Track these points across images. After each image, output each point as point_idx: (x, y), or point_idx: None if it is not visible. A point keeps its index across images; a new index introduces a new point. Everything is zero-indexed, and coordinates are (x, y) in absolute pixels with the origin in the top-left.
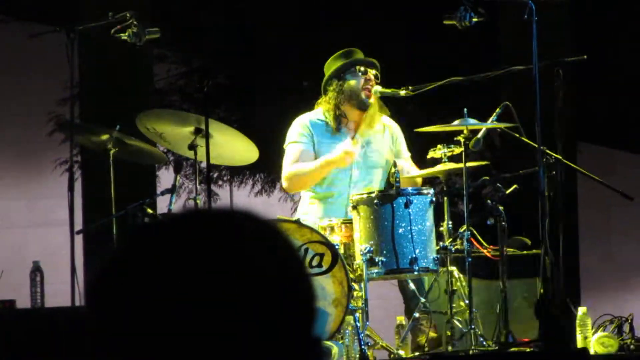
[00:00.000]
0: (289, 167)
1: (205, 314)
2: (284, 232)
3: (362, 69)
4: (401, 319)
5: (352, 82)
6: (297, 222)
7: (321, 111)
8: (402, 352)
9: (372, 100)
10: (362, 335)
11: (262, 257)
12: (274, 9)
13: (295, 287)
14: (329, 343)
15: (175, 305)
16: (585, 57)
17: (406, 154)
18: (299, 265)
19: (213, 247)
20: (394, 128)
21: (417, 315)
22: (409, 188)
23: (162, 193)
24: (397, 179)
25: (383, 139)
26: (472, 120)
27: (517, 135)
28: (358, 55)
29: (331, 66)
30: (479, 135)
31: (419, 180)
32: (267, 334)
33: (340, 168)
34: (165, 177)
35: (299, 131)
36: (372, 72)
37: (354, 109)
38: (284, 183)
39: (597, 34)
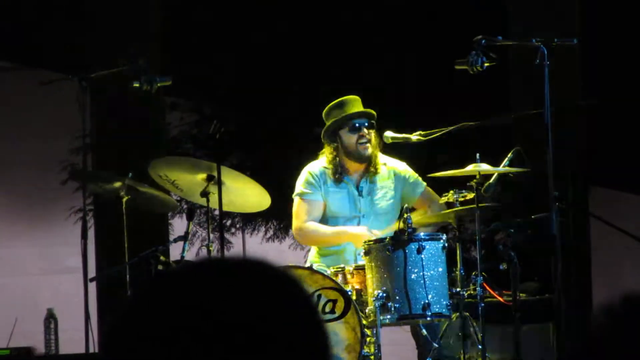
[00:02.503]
0: (302, 222)
1: None
2: (297, 279)
3: (355, 125)
4: None
5: (347, 139)
6: (310, 268)
7: (325, 159)
8: None
9: (370, 151)
10: None
11: (275, 305)
12: (283, 57)
13: (310, 333)
14: None
15: (190, 353)
16: (597, 100)
17: (422, 186)
18: (313, 312)
19: (227, 295)
20: (399, 168)
21: None
22: (421, 234)
23: (175, 240)
24: (410, 225)
25: (389, 185)
26: (484, 165)
27: (529, 179)
28: (353, 106)
29: (328, 117)
30: (492, 180)
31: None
32: None
33: (351, 215)
34: (178, 225)
35: (306, 180)
36: (365, 127)
37: (353, 161)
38: (296, 236)
39: (608, 76)
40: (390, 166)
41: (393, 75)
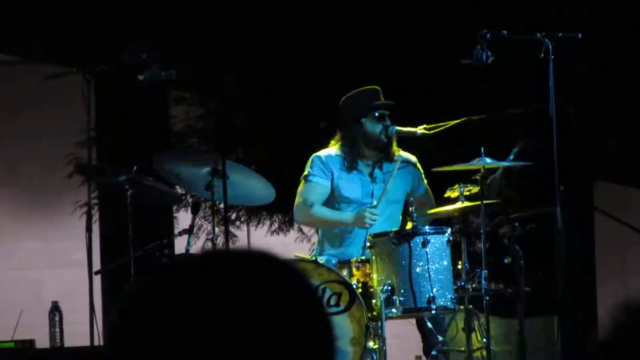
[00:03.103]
0: (304, 201)
1: (226, 354)
2: (302, 272)
3: (381, 114)
4: (419, 357)
5: (371, 128)
6: (315, 261)
7: (338, 147)
8: None
9: (390, 141)
10: None
11: (280, 297)
12: (289, 49)
13: (315, 326)
14: None
15: (194, 346)
16: (601, 94)
17: (423, 185)
18: (318, 304)
19: (232, 287)
20: (412, 161)
21: (435, 354)
22: (426, 227)
23: (180, 234)
24: (415, 218)
25: (402, 174)
26: (489, 160)
27: (533, 174)
28: (376, 96)
29: (348, 105)
30: (496, 174)
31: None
32: None
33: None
34: (183, 218)
35: (316, 164)
36: (388, 115)
37: (371, 149)
38: (296, 216)
39: (612, 69)
40: (404, 156)
41: (398, 69)
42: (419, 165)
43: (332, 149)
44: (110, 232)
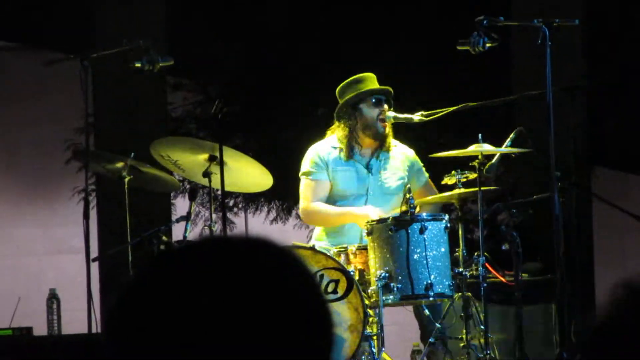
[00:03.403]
0: (309, 203)
1: (223, 341)
2: (300, 258)
3: (377, 100)
4: (417, 344)
5: (367, 113)
6: (312, 248)
7: (335, 138)
8: None
9: (388, 130)
10: None
11: (279, 284)
12: (288, 36)
13: (314, 313)
14: None
15: (193, 333)
16: (599, 81)
17: (425, 176)
18: (317, 291)
19: (230, 274)
20: (409, 154)
21: (432, 340)
22: (424, 214)
23: (178, 220)
24: (412, 205)
25: (398, 164)
26: (486, 146)
27: (531, 160)
28: (372, 82)
29: (345, 93)
30: (494, 160)
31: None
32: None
33: (358, 194)
34: (181, 205)
35: (313, 161)
36: (385, 101)
37: (368, 137)
38: (302, 215)
39: (611, 56)
40: (401, 148)
41: (396, 56)
42: (417, 157)
43: (329, 140)
44: (108, 219)
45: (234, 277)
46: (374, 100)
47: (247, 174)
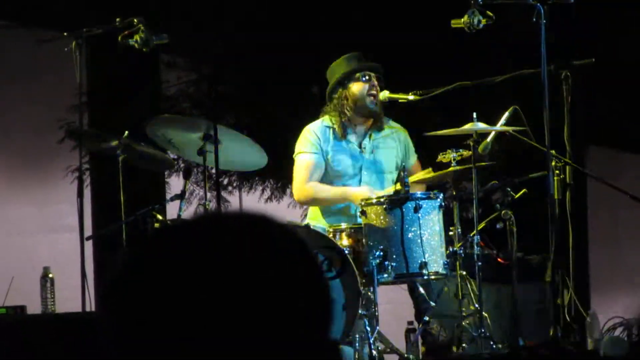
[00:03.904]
0: (304, 182)
1: (222, 317)
2: (300, 235)
3: (366, 75)
4: (411, 323)
5: (356, 90)
6: (307, 227)
7: (328, 118)
8: (412, 357)
9: (378, 105)
10: (372, 339)
11: (278, 260)
12: (281, 15)
13: (315, 289)
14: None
15: (190, 308)
16: (593, 60)
17: (414, 157)
18: (318, 268)
19: (227, 251)
20: (402, 132)
21: (427, 319)
22: (418, 193)
23: (172, 199)
24: (406, 183)
25: (392, 143)
26: (481, 124)
27: (526, 139)
28: (360, 60)
29: (334, 72)
30: (488, 139)
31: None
32: (287, 338)
33: (352, 173)
34: (175, 183)
35: (308, 141)
36: (375, 77)
37: (360, 115)
38: (296, 196)
39: (606, 34)
40: (394, 126)
41: (389, 34)
42: (409, 137)
43: (322, 120)
44: (102, 198)
45: (231, 253)
46: (362, 77)
47: (242, 152)
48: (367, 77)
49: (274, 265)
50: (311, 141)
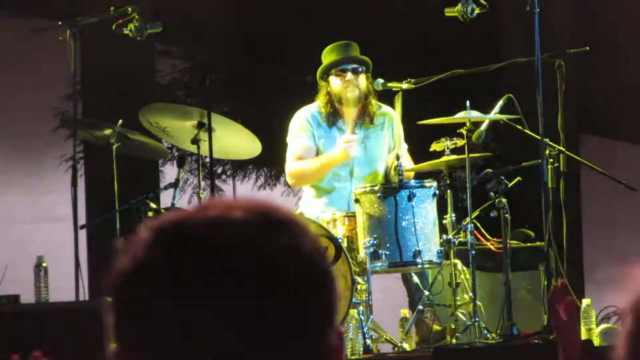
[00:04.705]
0: (291, 163)
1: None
2: (305, 223)
3: (341, 69)
4: (405, 312)
5: (334, 84)
6: (300, 215)
7: (320, 103)
8: (406, 345)
9: (356, 94)
10: (366, 328)
11: (285, 247)
12: (275, 2)
13: (322, 279)
14: None
15: (200, 300)
16: (587, 48)
17: (403, 145)
18: (321, 256)
19: (237, 238)
20: (395, 118)
21: (421, 308)
22: (412, 181)
23: (166, 188)
24: (400, 172)
25: (383, 131)
26: (475, 113)
27: (520, 127)
28: (344, 50)
29: (323, 60)
30: (482, 127)
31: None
32: (296, 329)
33: (344, 162)
34: (169, 172)
35: (299, 125)
36: (351, 71)
37: (345, 105)
38: (288, 179)
39: (600, 23)
40: (385, 112)
41: (384, 23)
42: (400, 124)
43: (315, 105)
44: (96, 186)
45: (243, 243)
46: (338, 71)
47: (236, 140)
48: (341, 72)
49: (278, 254)
50: (301, 125)
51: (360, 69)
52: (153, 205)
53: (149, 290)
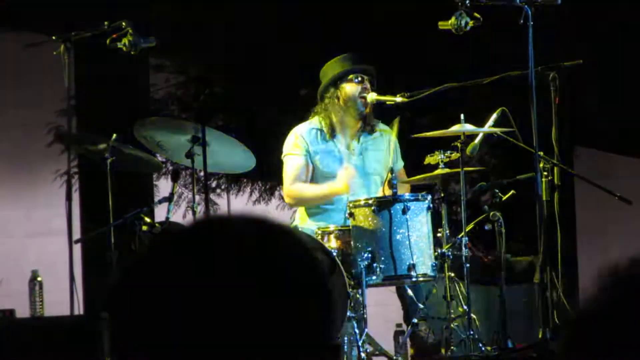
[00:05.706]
0: (290, 184)
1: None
2: (301, 236)
3: (359, 77)
4: (399, 325)
5: (349, 91)
6: (295, 229)
7: (317, 120)
8: (400, 359)
9: (368, 108)
10: (361, 342)
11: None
12: (270, 17)
13: (317, 291)
14: None
15: (197, 311)
16: (581, 61)
17: (400, 163)
18: (319, 270)
19: (230, 254)
20: (392, 136)
21: (415, 321)
22: (406, 194)
23: (160, 202)
24: (395, 186)
25: (381, 146)
26: (469, 126)
27: (514, 140)
28: (354, 61)
29: (327, 72)
30: (476, 140)
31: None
32: (290, 341)
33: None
34: (164, 186)
35: (294, 142)
36: (367, 80)
37: (350, 116)
38: (286, 199)
39: (595, 36)
40: (384, 128)
41: (377, 37)
42: (397, 142)
43: (311, 122)
44: (90, 201)
45: (234, 257)
46: (356, 79)
47: (230, 154)
48: (359, 79)
49: (276, 268)
50: (297, 143)
51: (373, 83)
52: (147, 220)
53: (147, 303)
